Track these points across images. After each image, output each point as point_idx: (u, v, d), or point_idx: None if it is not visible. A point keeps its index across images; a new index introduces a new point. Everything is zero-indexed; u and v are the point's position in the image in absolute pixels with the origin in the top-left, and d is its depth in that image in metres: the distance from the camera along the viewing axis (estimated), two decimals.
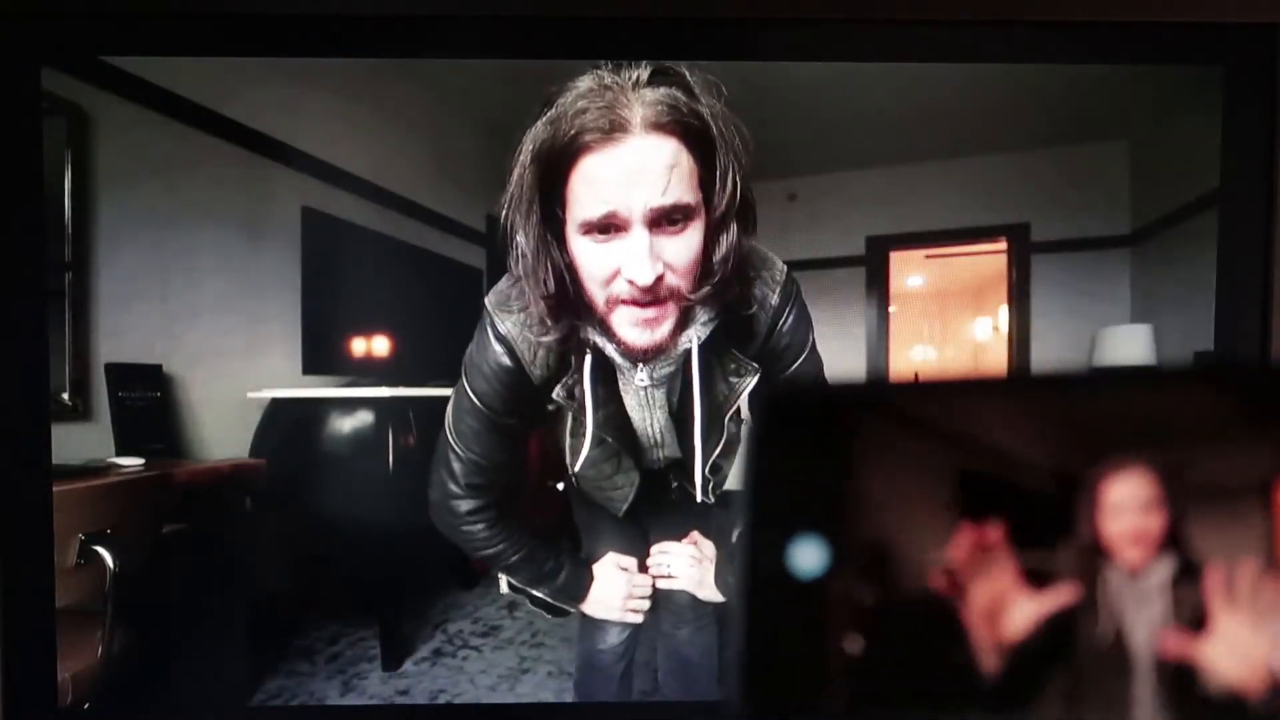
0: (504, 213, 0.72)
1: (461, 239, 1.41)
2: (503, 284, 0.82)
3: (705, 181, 0.67)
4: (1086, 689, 0.24)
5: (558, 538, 1.01)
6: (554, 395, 0.87)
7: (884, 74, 1.02)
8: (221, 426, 1.21)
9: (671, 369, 0.81)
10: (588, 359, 0.80)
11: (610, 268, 0.70)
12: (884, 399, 0.26)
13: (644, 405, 0.90)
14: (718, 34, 0.91)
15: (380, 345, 1.27)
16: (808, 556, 0.25)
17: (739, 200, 0.66)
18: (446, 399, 1.24)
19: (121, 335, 1.10)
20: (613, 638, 0.98)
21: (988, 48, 0.91)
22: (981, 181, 1.21)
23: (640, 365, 0.79)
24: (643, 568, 0.98)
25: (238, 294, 1.17)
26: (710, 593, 0.97)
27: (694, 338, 0.75)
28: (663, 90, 0.66)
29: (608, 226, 0.68)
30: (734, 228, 0.66)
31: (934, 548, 0.25)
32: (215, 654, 1.09)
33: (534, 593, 0.97)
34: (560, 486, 1.01)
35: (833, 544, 0.25)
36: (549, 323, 0.75)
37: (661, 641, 1.00)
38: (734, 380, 0.81)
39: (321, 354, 1.24)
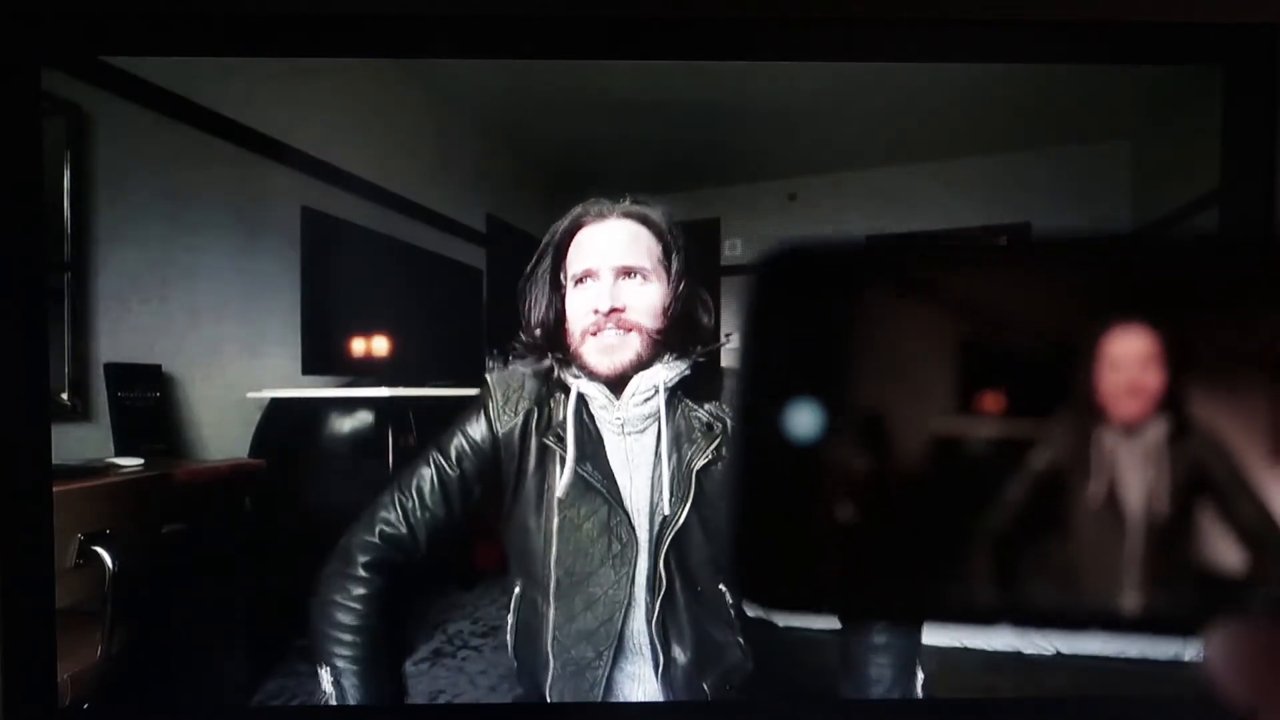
0: (523, 281, 0.96)
1: (461, 239, 1.41)
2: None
3: (664, 257, 0.92)
4: (1077, 547, 0.24)
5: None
6: (546, 440, 0.93)
7: (884, 74, 1.02)
8: (221, 426, 1.21)
9: (644, 411, 0.92)
10: (573, 393, 0.93)
11: (587, 305, 0.91)
12: (884, 259, 0.25)
13: (626, 463, 0.94)
14: (718, 34, 0.91)
15: (380, 345, 1.27)
16: (803, 421, 0.24)
17: (683, 276, 0.92)
18: (446, 399, 1.24)
19: (121, 335, 1.10)
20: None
21: (987, 48, 0.91)
22: (981, 181, 1.21)
23: (615, 403, 0.92)
24: None
25: (238, 294, 1.18)
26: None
27: (661, 380, 0.91)
28: (635, 203, 0.94)
29: (586, 276, 0.91)
30: (680, 289, 0.92)
31: (932, 415, 0.24)
32: (215, 654, 1.09)
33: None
34: (517, 589, 0.95)
35: (828, 409, 0.24)
36: (536, 350, 0.94)
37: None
38: (700, 437, 0.93)
39: (321, 354, 1.25)
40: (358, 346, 1.26)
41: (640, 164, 1.20)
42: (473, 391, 0.99)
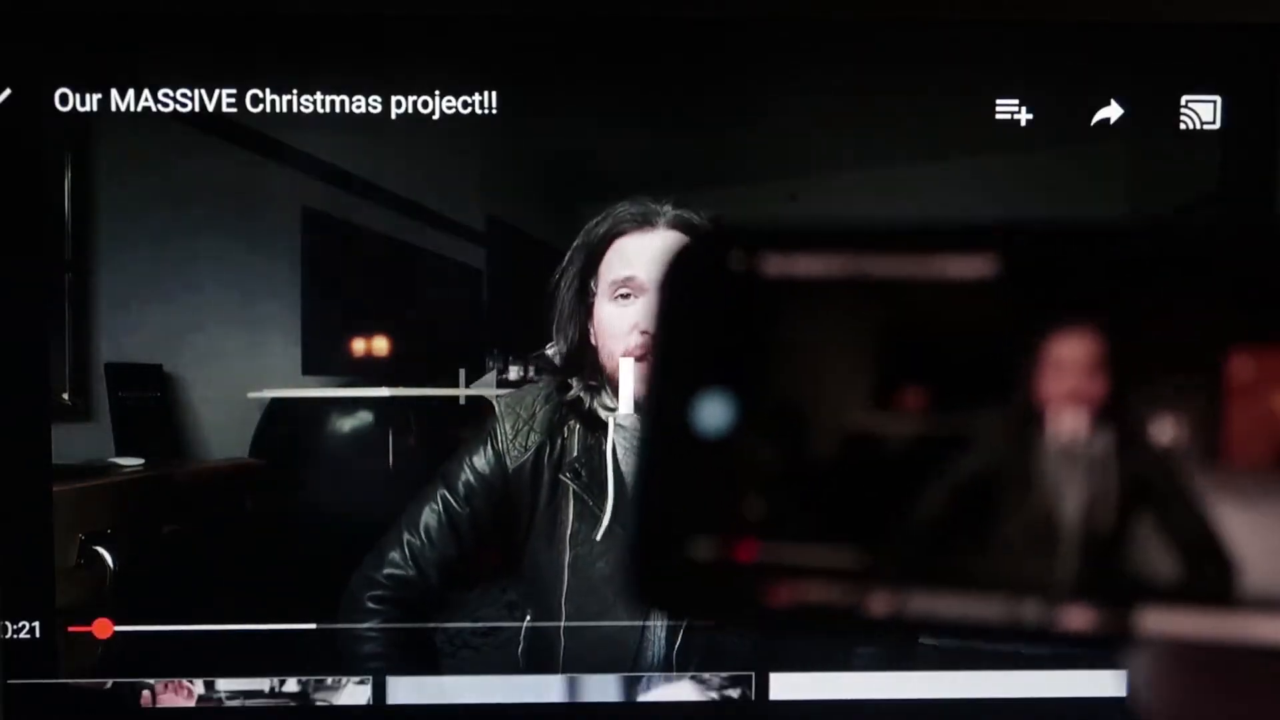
0: (551, 288, 0.93)
1: (461, 239, 1.41)
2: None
3: None
4: (1009, 561, 0.22)
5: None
6: (562, 476, 0.90)
7: (884, 74, 1.02)
8: (221, 426, 1.21)
9: None
10: (612, 421, 0.88)
11: (629, 323, 0.86)
12: (805, 244, 0.23)
13: None
14: (717, 33, 0.91)
15: (380, 345, 1.27)
16: (714, 414, 0.23)
17: None
18: (446, 399, 1.24)
19: (121, 335, 1.10)
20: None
21: (987, 48, 0.92)
22: (983, 181, 1.21)
23: None
24: None
25: (238, 294, 1.17)
26: None
27: None
28: (680, 211, 0.90)
29: (628, 291, 0.86)
30: None
31: (850, 409, 0.23)
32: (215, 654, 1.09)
33: None
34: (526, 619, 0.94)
35: (741, 401, 0.23)
36: (561, 373, 0.90)
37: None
38: None
39: (321, 354, 1.24)
40: (358, 346, 1.26)
41: (640, 164, 1.20)
42: (473, 391, 0.99)
